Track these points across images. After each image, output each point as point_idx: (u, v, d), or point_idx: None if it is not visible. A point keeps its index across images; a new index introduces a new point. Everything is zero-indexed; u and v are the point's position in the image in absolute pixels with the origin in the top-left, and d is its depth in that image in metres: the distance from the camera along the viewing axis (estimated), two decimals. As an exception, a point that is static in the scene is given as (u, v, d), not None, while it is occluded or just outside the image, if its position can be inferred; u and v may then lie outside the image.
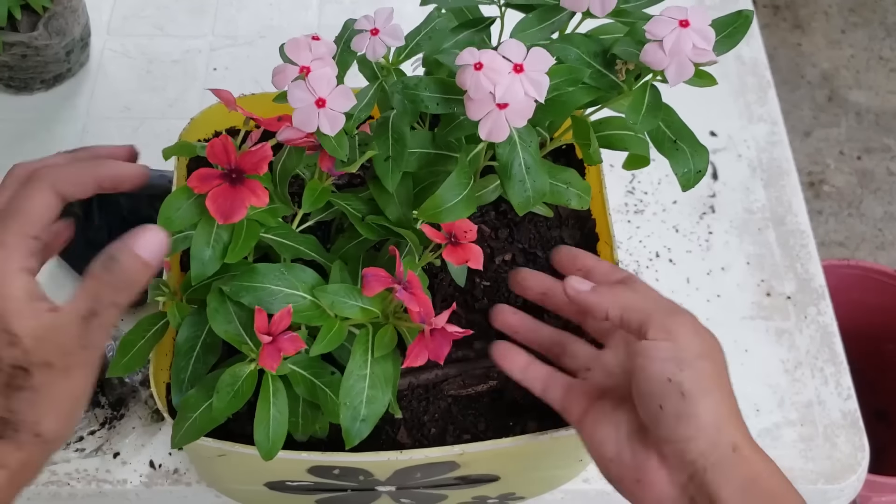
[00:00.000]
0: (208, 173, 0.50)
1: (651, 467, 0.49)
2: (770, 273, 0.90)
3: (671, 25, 0.50)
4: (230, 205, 0.50)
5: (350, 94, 0.52)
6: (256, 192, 0.50)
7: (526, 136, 0.53)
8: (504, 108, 0.49)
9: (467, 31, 0.59)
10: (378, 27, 0.55)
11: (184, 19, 1.08)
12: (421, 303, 0.51)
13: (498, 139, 0.50)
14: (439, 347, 0.51)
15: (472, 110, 0.50)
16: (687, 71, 0.51)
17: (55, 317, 0.44)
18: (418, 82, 0.54)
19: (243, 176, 0.50)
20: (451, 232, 0.55)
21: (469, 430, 0.63)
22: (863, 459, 0.80)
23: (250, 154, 0.50)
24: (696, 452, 0.47)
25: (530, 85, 0.50)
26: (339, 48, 0.58)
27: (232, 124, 0.75)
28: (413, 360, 0.50)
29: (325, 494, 0.66)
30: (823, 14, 2.28)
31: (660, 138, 0.55)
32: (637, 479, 0.49)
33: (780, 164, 0.99)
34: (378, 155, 0.55)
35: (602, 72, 0.55)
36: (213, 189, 0.50)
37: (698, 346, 0.49)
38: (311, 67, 0.52)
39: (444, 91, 0.53)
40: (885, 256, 1.90)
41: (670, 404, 0.47)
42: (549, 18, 0.57)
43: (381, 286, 0.51)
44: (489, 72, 0.49)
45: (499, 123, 0.50)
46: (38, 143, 0.96)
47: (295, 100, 0.51)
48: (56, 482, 0.74)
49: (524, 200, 0.54)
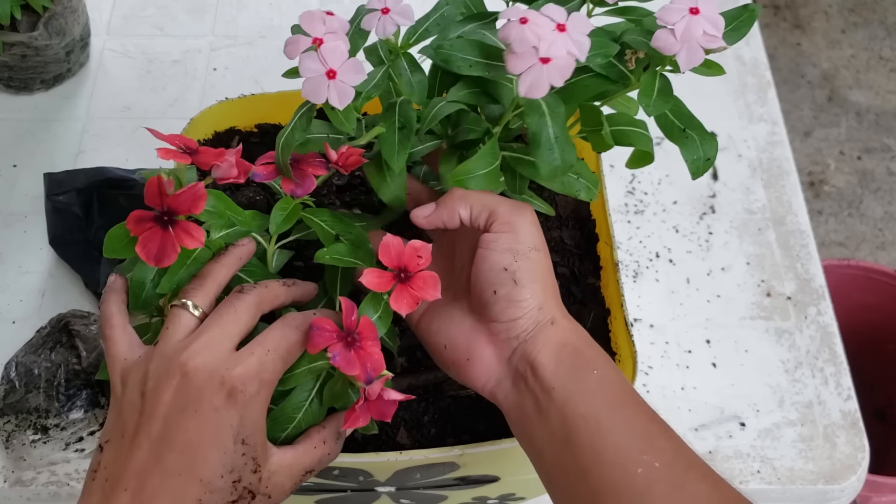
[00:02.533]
0: (143, 215, 0.49)
1: (480, 344, 0.54)
2: (770, 273, 0.90)
3: (682, 13, 0.52)
4: (160, 248, 0.49)
5: (361, 68, 0.51)
6: (191, 233, 0.49)
7: (554, 106, 0.53)
8: (546, 63, 0.50)
9: (474, 23, 0.60)
10: (389, 6, 0.55)
11: (184, 19, 1.08)
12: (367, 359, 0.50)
13: (537, 95, 0.51)
14: (384, 409, 0.51)
15: (514, 64, 0.50)
16: (697, 56, 0.51)
17: (287, 457, 0.52)
18: (453, 44, 0.54)
19: (175, 218, 0.49)
20: (401, 264, 0.53)
21: (469, 431, 0.63)
22: (863, 459, 0.80)
23: (182, 195, 0.49)
24: (521, 329, 0.53)
25: (572, 44, 0.50)
26: (350, 31, 0.58)
27: (231, 124, 0.75)
28: (352, 424, 0.51)
29: (324, 495, 0.66)
30: (823, 14, 2.28)
31: (669, 126, 0.56)
32: (468, 358, 0.54)
33: (780, 164, 0.99)
34: (385, 134, 0.55)
35: (612, 62, 0.55)
36: (144, 233, 0.49)
37: (534, 239, 0.54)
38: (323, 39, 0.52)
39: (479, 54, 0.54)
40: (885, 256, 1.90)
41: (504, 290, 0.53)
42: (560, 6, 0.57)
43: (324, 343, 0.50)
44: (534, 26, 0.50)
45: (540, 78, 0.50)
46: (38, 142, 0.96)
47: (306, 70, 0.51)
48: (56, 482, 0.74)
49: (552, 170, 0.54)
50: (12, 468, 0.75)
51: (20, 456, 0.74)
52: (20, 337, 0.80)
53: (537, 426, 0.52)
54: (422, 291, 0.52)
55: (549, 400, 0.51)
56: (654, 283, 0.89)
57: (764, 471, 0.79)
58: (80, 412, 0.74)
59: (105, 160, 0.91)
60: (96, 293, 0.83)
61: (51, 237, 0.86)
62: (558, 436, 0.51)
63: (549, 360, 0.52)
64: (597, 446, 0.49)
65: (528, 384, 0.52)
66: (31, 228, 0.89)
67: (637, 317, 0.87)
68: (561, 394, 0.51)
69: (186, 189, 0.49)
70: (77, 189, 0.86)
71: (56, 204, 0.86)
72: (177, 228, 0.49)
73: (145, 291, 0.52)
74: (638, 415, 0.51)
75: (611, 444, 0.49)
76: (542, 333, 0.53)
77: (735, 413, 0.82)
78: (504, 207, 0.54)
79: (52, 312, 0.81)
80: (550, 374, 0.52)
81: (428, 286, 0.53)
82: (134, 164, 0.91)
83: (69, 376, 0.75)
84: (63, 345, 0.77)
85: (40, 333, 0.79)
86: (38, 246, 0.88)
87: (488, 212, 0.54)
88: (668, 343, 0.86)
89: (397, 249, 0.53)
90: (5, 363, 0.77)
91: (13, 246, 0.88)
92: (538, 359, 0.52)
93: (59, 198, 0.86)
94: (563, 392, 0.51)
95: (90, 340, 0.77)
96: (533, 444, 0.53)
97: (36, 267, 0.87)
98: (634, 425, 0.50)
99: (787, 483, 0.79)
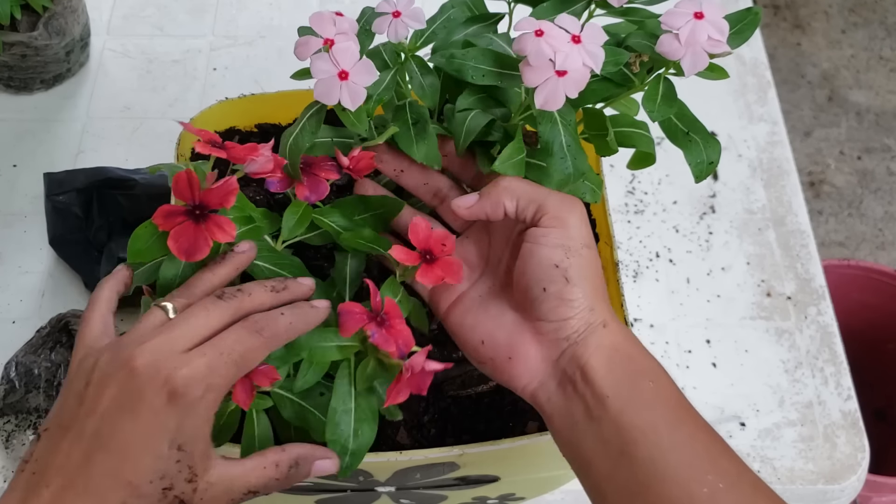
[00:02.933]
0: (172, 209, 0.48)
1: (525, 343, 0.52)
2: (770, 273, 0.90)
3: (686, 17, 0.51)
4: (193, 243, 0.48)
5: (373, 69, 0.51)
6: (223, 227, 0.48)
7: (567, 114, 0.53)
8: (562, 76, 0.49)
9: (477, 24, 0.60)
10: (400, 10, 0.55)
11: (184, 19, 1.08)
12: (398, 336, 0.50)
13: (553, 107, 0.50)
14: (421, 382, 0.50)
15: (531, 77, 0.50)
16: (702, 61, 0.51)
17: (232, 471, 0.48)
18: (466, 53, 0.54)
19: (207, 212, 0.48)
20: (427, 247, 0.53)
21: (469, 431, 0.63)
22: (863, 459, 0.80)
23: (215, 189, 0.48)
24: (572, 330, 0.51)
25: (587, 56, 0.50)
26: (356, 33, 0.58)
27: (231, 124, 0.75)
28: (393, 399, 0.49)
29: (324, 495, 0.66)
30: (823, 14, 2.28)
31: (673, 130, 0.56)
32: (509, 357, 0.52)
33: (780, 164, 0.99)
34: (399, 132, 0.55)
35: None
36: (175, 227, 0.48)
37: (585, 235, 0.52)
38: (335, 40, 0.51)
39: (492, 63, 0.54)
40: (885, 256, 1.90)
41: (554, 288, 0.51)
42: (564, 9, 0.57)
43: (357, 325, 0.50)
44: (550, 39, 0.49)
45: (556, 91, 0.50)
46: (38, 142, 0.96)
47: (318, 71, 0.51)
48: (56, 482, 0.74)
49: (565, 177, 0.53)
50: (12, 468, 0.75)
51: (20, 456, 0.74)
52: (20, 337, 0.80)
53: (587, 434, 0.50)
54: (445, 273, 0.52)
55: (601, 408, 0.49)
56: (654, 282, 0.89)
57: (764, 471, 0.79)
58: (80, 412, 0.74)
59: (105, 160, 0.91)
60: (96, 293, 0.83)
61: (51, 237, 0.86)
62: (613, 447, 0.49)
63: (600, 365, 0.50)
64: (657, 461, 0.47)
65: (578, 389, 0.50)
66: (31, 228, 0.89)
67: (637, 317, 0.87)
68: (615, 403, 0.49)
69: (222, 183, 0.49)
70: (77, 189, 0.86)
71: (56, 204, 0.86)
72: (208, 222, 0.48)
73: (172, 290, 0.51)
74: (699, 432, 0.49)
75: (673, 460, 0.47)
76: (593, 336, 0.51)
77: (735, 413, 0.82)
78: (553, 200, 0.52)
79: (52, 312, 0.81)
80: (603, 381, 0.49)
81: (451, 270, 0.53)
82: (134, 164, 0.91)
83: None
84: (63, 345, 0.77)
85: (40, 333, 0.79)
86: (38, 246, 0.88)
87: (536, 205, 0.52)
88: (668, 343, 0.86)
89: (425, 232, 0.53)
90: (5, 363, 0.77)
91: (13, 246, 0.88)
92: (590, 363, 0.50)
93: (59, 198, 0.86)
94: (617, 401, 0.49)
95: (90, 340, 0.77)
96: (581, 452, 0.50)
97: (36, 267, 0.87)
98: (697, 443, 0.48)
99: (787, 483, 0.79)
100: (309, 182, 0.56)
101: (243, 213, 0.53)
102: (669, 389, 0.50)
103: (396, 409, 0.54)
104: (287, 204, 0.57)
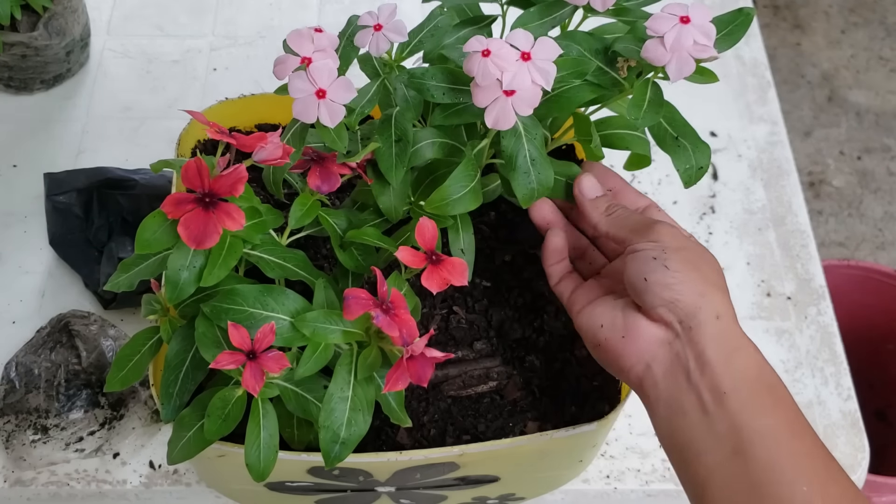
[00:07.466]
0: (182, 197, 0.48)
1: (639, 323, 0.53)
2: (770, 273, 0.90)
3: (672, 22, 0.51)
4: (203, 230, 0.48)
5: (351, 86, 0.51)
6: (232, 214, 0.48)
7: (531, 127, 0.53)
8: (511, 96, 0.49)
9: (469, 27, 0.60)
10: (381, 23, 0.55)
11: (184, 19, 1.08)
12: (402, 325, 0.50)
13: (504, 127, 0.50)
14: (421, 371, 0.50)
15: (479, 97, 0.50)
16: (688, 67, 0.51)
17: None
18: (424, 72, 0.54)
19: (217, 199, 0.49)
20: (433, 247, 0.53)
21: (469, 431, 0.63)
22: (863, 459, 0.80)
23: (225, 177, 0.49)
24: (683, 313, 0.52)
25: (537, 73, 0.50)
26: (341, 43, 0.58)
27: (231, 124, 0.75)
28: (393, 385, 0.49)
29: (324, 495, 0.66)
30: (823, 14, 2.28)
31: (661, 135, 0.55)
32: (623, 335, 0.54)
33: (780, 164, 0.99)
34: (381, 148, 0.55)
35: (604, 69, 0.55)
36: (186, 214, 0.48)
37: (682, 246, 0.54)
38: (312, 58, 0.51)
39: (450, 81, 0.53)
40: (885, 256, 1.90)
41: (655, 276, 0.52)
42: (550, 13, 0.57)
43: (362, 309, 0.49)
44: (497, 59, 0.49)
45: (505, 111, 0.50)
46: (38, 142, 0.96)
47: (295, 90, 0.51)
48: (56, 482, 0.74)
49: (529, 193, 0.53)
50: (12, 468, 0.75)
51: (20, 456, 0.74)
52: (20, 337, 0.80)
53: (698, 427, 0.50)
54: (451, 275, 0.52)
55: (718, 404, 0.50)
56: (654, 283, 0.89)
57: (764, 471, 0.79)
58: (80, 412, 0.74)
59: (105, 160, 0.91)
60: (96, 293, 0.83)
61: (51, 237, 0.86)
62: (726, 444, 0.49)
63: (719, 360, 0.50)
64: (776, 465, 0.48)
65: (692, 380, 0.51)
66: (31, 228, 0.89)
67: (637, 317, 0.87)
68: (734, 402, 0.49)
69: (232, 171, 0.49)
70: (77, 189, 0.86)
71: (56, 204, 0.86)
72: (218, 210, 0.48)
73: (181, 281, 0.51)
74: (816, 448, 0.50)
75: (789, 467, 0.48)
76: (709, 326, 0.51)
77: (735, 413, 0.82)
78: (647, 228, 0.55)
79: (52, 312, 0.81)
80: (722, 377, 0.50)
81: (456, 272, 0.53)
82: (134, 164, 0.91)
83: (69, 376, 0.75)
84: (63, 345, 0.77)
85: (40, 333, 0.79)
86: (38, 246, 0.88)
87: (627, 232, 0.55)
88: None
89: (431, 233, 0.53)
90: (5, 363, 0.77)
91: (13, 246, 0.88)
92: (706, 353, 0.51)
93: (59, 198, 0.86)
94: (736, 401, 0.49)
95: (90, 340, 0.77)
96: (687, 442, 0.51)
97: (36, 267, 0.87)
98: (815, 457, 0.49)
99: (787, 483, 0.79)
100: (321, 172, 0.56)
101: (250, 205, 0.53)
102: (788, 399, 0.51)
103: (405, 414, 0.54)
104: (288, 206, 0.57)
